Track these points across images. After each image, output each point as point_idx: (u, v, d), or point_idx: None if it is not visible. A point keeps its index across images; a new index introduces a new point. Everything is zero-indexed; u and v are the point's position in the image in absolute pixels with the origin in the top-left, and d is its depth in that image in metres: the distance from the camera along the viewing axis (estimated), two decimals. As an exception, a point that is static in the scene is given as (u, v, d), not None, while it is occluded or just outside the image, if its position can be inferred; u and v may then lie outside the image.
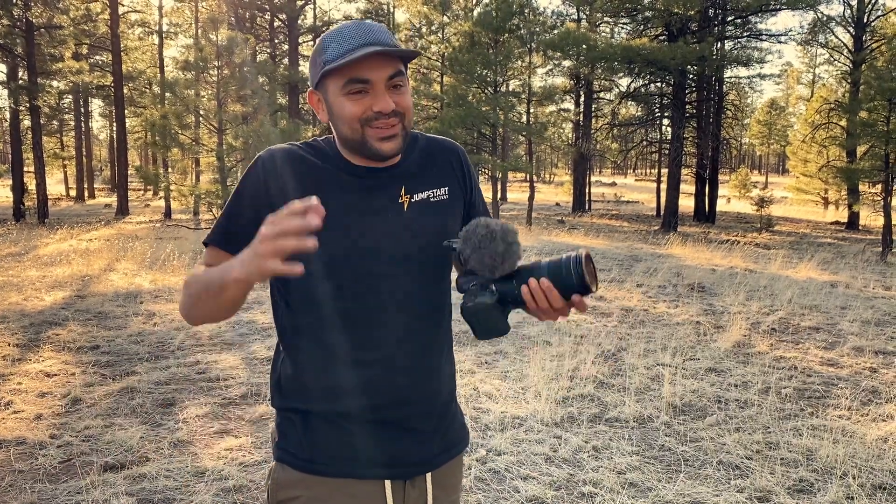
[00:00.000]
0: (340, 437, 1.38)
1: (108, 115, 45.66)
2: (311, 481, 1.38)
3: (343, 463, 1.38)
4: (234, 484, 3.52)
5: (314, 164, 1.40)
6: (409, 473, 1.42)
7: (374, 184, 1.40)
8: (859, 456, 3.97)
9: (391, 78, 1.32)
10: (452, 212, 1.47)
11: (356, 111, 1.32)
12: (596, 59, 23.99)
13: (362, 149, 1.35)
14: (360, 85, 1.31)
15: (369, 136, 1.33)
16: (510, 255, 1.28)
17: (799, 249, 16.64)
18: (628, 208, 34.11)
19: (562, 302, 1.26)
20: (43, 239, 15.49)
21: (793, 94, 62.73)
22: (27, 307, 7.77)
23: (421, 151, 1.48)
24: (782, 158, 75.81)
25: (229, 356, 5.90)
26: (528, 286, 1.26)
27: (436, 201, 1.44)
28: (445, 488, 1.50)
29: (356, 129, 1.33)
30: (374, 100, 1.31)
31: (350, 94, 1.32)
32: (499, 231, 1.27)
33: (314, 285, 1.36)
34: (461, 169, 1.52)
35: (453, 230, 1.44)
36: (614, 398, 4.93)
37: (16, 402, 4.73)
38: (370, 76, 1.31)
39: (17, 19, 22.44)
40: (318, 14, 36.40)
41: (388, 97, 1.32)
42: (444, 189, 1.46)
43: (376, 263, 1.35)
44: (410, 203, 1.41)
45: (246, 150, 14.88)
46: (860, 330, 7.30)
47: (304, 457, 1.39)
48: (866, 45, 25.04)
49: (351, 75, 1.31)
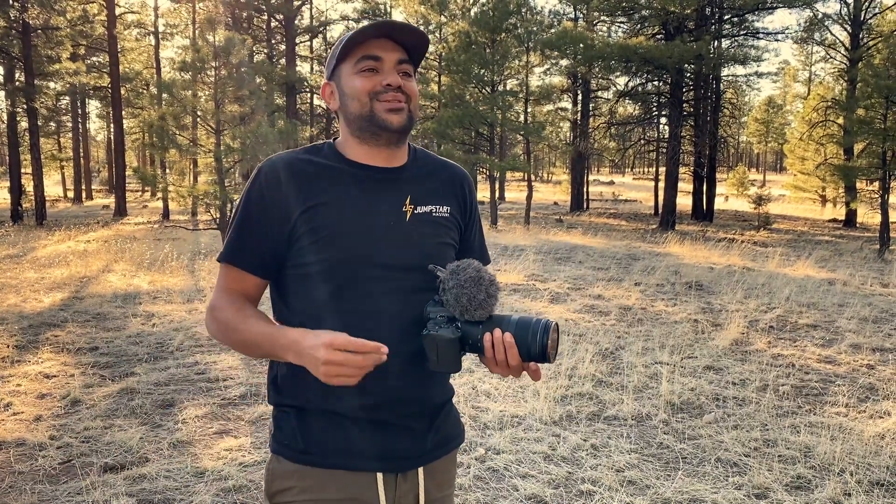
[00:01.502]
0: (334, 431, 1.41)
1: (106, 116, 45.63)
2: (305, 472, 1.41)
3: (336, 455, 1.40)
4: (233, 484, 3.53)
5: (316, 166, 1.43)
6: (401, 467, 1.44)
7: (381, 188, 1.43)
8: (856, 453, 3.99)
9: (400, 63, 1.42)
10: (450, 231, 1.51)
11: (367, 85, 1.39)
12: (593, 58, 24.01)
13: (371, 122, 1.40)
14: (371, 62, 1.39)
15: (377, 109, 1.39)
16: (486, 305, 1.31)
17: (797, 247, 16.67)
18: (626, 207, 34.13)
19: (519, 361, 1.30)
20: (41, 240, 15.48)
21: (790, 92, 62.78)
22: (26, 309, 7.77)
23: (430, 165, 1.54)
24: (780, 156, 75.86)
25: (228, 357, 5.90)
26: (492, 336, 1.30)
27: (437, 217, 1.48)
28: (439, 483, 1.52)
29: (365, 103, 1.40)
30: (383, 76, 1.40)
31: (362, 72, 1.40)
32: (486, 281, 1.31)
33: (313, 286, 1.39)
34: (464, 195, 1.57)
35: (450, 245, 1.49)
36: (613, 396, 4.95)
37: (15, 403, 4.73)
38: (381, 54, 1.40)
39: (14, 21, 22.41)
40: (315, 14, 36.42)
41: (397, 75, 1.40)
42: (446, 208, 1.50)
43: (374, 269, 1.38)
44: (413, 213, 1.44)
45: (244, 150, 14.85)
46: (858, 327, 7.32)
47: (298, 448, 1.42)
48: (863, 43, 25.07)
49: (364, 52, 1.40)
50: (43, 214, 22.40)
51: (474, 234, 1.61)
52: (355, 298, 1.38)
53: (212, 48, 15.12)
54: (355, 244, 1.37)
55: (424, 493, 1.47)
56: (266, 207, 1.40)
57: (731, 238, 18.02)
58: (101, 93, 35.84)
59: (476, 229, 1.61)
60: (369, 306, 1.38)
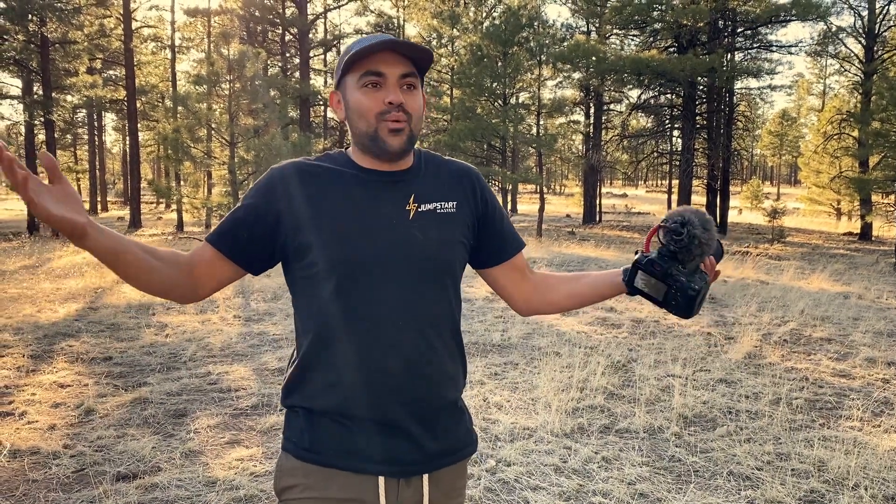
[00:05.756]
0: (340, 432, 1.42)
1: (122, 128, 46.05)
2: (310, 469, 1.43)
3: (340, 455, 1.42)
4: (244, 494, 3.54)
5: (324, 171, 1.47)
6: (404, 472, 1.44)
7: (384, 189, 1.46)
8: (871, 467, 3.95)
9: (404, 77, 1.42)
10: (459, 224, 1.51)
11: (372, 105, 1.41)
12: (605, 71, 24.06)
13: (374, 142, 1.43)
14: (374, 77, 1.40)
15: (381, 130, 1.41)
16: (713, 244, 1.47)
17: (811, 260, 16.55)
18: (639, 219, 34.03)
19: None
20: (56, 252, 15.63)
21: (804, 104, 62.53)
22: (41, 319, 7.84)
23: (435, 166, 1.55)
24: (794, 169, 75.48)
25: (240, 367, 5.93)
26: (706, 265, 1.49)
27: (443, 213, 1.48)
28: (446, 492, 1.51)
29: (371, 123, 1.42)
30: (385, 92, 1.41)
31: (365, 88, 1.41)
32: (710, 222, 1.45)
33: (317, 286, 1.41)
34: (472, 187, 1.56)
35: (458, 242, 1.50)
36: (624, 409, 4.93)
37: (30, 412, 4.77)
38: (384, 70, 1.40)
39: (33, 35, 22.74)
40: (329, 28, 36.73)
41: (399, 92, 1.41)
42: (451, 203, 1.50)
43: (376, 267, 1.40)
44: (417, 212, 1.45)
45: (257, 162, 14.98)
46: (873, 341, 7.25)
47: (304, 446, 1.44)
48: (878, 56, 24.97)
49: (367, 68, 1.41)
50: (59, 226, 22.58)
51: (502, 222, 1.61)
52: (358, 297, 1.39)
53: (226, 62, 15.27)
54: (357, 243, 1.40)
55: (430, 502, 1.47)
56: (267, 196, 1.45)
57: (744, 251, 17.92)
58: (117, 105, 36.28)
59: (499, 216, 1.61)
60: (373, 305, 1.40)
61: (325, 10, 33.00)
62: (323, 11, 32.91)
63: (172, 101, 20.45)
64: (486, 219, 1.57)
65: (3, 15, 21.93)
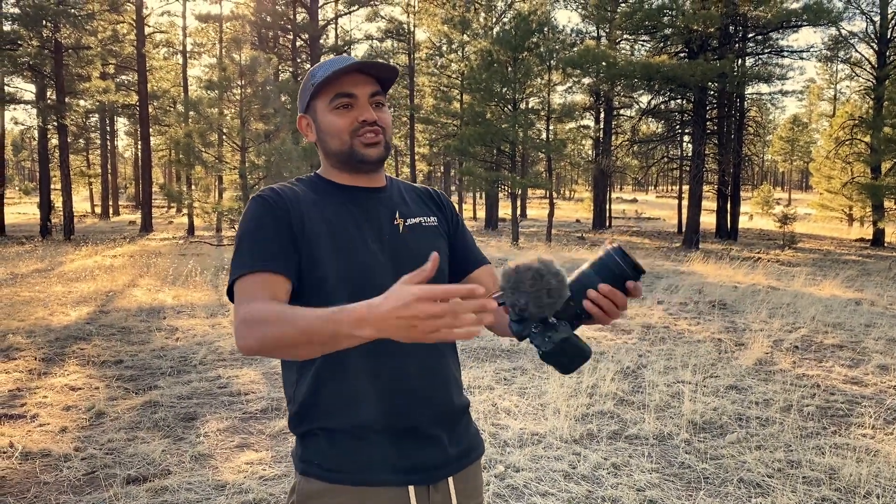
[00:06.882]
0: (362, 447, 1.43)
1: (134, 133, 46.39)
2: (338, 490, 1.42)
3: (367, 471, 1.42)
4: (253, 497, 3.55)
5: (309, 190, 1.51)
6: (431, 478, 1.46)
7: (370, 204, 1.52)
8: (883, 475, 3.91)
9: (373, 95, 1.49)
10: (441, 238, 1.59)
11: (344, 124, 1.47)
12: (616, 77, 24.02)
13: (350, 157, 1.49)
14: (346, 99, 1.47)
15: (356, 145, 1.48)
16: (563, 285, 1.22)
17: (823, 267, 16.46)
18: (649, 225, 33.94)
19: (624, 297, 1.25)
20: (69, 255, 15.73)
21: (815, 110, 62.26)
22: (53, 322, 7.90)
23: (403, 188, 1.64)
24: (805, 175, 75.10)
25: (250, 371, 5.95)
26: (590, 299, 1.24)
27: (427, 226, 1.57)
28: (468, 493, 1.54)
29: (345, 141, 1.48)
30: (358, 112, 1.48)
31: (337, 109, 1.48)
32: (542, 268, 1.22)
33: (328, 301, 1.40)
34: (440, 204, 1.66)
35: (444, 252, 1.57)
36: (634, 415, 4.91)
37: (41, 415, 4.81)
38: (355, 91, 1.47)
39: (47, 40, 22.95)
40: (340, 34, 36.87)
41: (371, 110, 1.48)
42: (433, 218, 1.60)
43: (381, 278, 1.40)
44: (406, 225, 1.53)
45: (268, 167, 15.04)
46: (885, 348, 7.20)
47: (328, 467, 1.43)
48: (890, 61, 24.84)
49: (338, 90, 1.47)
50: (71, 229, 22.80)
51: (467, 236, 1.68)
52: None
53: (238, 67, 15.35)
54: (363, 255, 1.44)
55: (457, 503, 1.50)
56: (275, 211, 1.42)
57: (755, 257, 17.83)
58: (129, 110, 36.49)
59: (465, 231, 1.69)
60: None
61: (336, 15, 33.14)
62: (334, 17, 33.05)
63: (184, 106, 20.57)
64: (457, 234, 1.66)
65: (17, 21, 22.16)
